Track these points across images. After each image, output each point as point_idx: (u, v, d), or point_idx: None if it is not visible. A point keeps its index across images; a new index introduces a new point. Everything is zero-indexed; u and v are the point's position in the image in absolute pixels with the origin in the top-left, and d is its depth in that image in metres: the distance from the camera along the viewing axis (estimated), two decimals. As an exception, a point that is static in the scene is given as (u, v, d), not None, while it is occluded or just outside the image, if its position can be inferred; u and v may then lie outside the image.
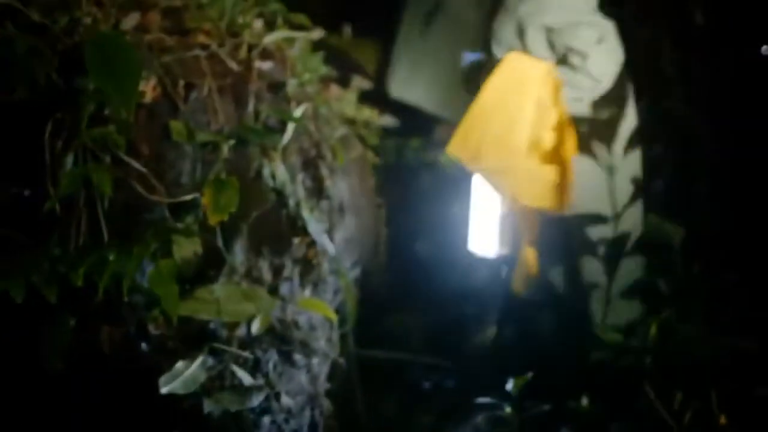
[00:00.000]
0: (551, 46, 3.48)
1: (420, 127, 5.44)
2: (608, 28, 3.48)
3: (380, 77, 5.76)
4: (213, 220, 2.69)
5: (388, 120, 4.73)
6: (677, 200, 4.46)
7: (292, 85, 3.33)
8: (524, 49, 3.52)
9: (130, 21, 3.02)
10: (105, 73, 2.51)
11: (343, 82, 4.53)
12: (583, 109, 3.63)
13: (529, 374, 3.25)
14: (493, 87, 3.56)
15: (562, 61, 3.48)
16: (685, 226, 3.66)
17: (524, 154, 3.52)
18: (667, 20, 4.05)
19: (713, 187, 4.04)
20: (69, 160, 2.59)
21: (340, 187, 3.67)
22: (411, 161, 5.03)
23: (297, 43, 3.56)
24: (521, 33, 3.45)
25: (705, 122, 4.08)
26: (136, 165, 2.70)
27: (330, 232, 3.53)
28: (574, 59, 3.41)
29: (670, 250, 3.75)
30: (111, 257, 2.47)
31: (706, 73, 3.98)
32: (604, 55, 3.47)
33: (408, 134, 5.28)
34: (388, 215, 4.52)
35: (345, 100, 4.37)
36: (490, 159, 3.59)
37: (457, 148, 3.73)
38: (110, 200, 2.63)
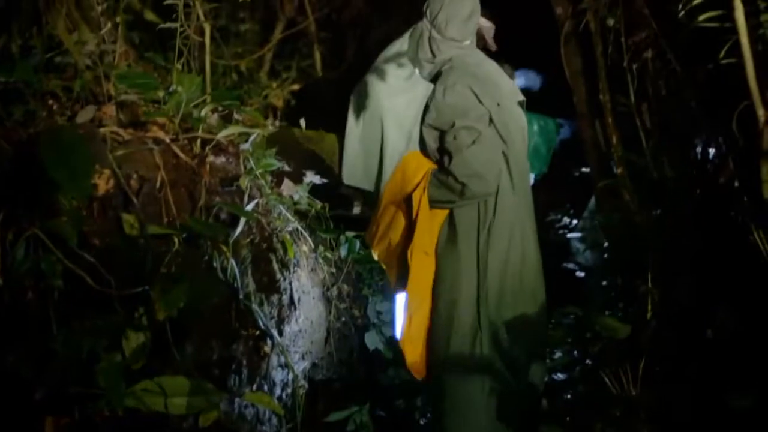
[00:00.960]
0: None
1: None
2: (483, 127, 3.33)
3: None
4: (160, 315, 2.70)
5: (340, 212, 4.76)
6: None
7: (244, 179, 3.36)
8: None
9: (86, 114, 3.06)
10: (59, 165, 2.54)
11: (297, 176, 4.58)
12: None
13: None
14: (390, 183, 3.57)
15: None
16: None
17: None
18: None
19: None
20: (20, 250, 2.60)
21: (290, 281, 3.69)
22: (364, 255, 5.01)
23: (251, 137, 3.59)
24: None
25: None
26: (87, 257, 2.71)
27: (280, 325, 3.54)
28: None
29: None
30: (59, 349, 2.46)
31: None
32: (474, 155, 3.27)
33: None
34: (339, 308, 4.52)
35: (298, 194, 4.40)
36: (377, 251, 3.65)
37: (369, 238, 3.74)
38: (60, 291, 2.64)
